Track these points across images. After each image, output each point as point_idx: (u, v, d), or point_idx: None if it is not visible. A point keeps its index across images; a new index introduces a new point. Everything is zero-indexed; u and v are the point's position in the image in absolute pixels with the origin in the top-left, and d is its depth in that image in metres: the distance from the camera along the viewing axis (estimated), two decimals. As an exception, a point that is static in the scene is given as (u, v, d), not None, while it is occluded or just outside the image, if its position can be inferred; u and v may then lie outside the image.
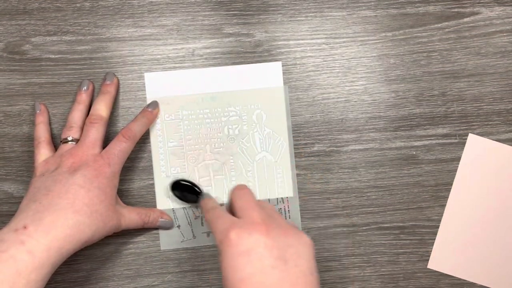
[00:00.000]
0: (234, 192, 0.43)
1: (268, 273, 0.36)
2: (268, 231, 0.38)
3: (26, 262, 0.39)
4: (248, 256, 0.37)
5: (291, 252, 0.38)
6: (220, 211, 0.43)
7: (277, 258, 0.37)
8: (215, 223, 0.41)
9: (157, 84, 0.52)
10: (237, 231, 0.38)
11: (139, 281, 0.51)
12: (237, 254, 0.37)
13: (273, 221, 0.40)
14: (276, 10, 0.53)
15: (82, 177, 0.44)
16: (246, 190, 0.43)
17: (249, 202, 0.41)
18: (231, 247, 0.37)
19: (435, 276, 0.53)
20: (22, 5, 0.51)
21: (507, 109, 0.53)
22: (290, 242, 0.38)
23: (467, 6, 0.53)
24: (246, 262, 0.37)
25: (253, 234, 0.38)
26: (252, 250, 0.37)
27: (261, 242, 0.37)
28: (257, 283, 0.36)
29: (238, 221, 0.40)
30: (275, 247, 0.37)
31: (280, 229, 0.39)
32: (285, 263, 0.37)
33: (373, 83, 0.53)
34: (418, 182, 0.53)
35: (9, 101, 0.51)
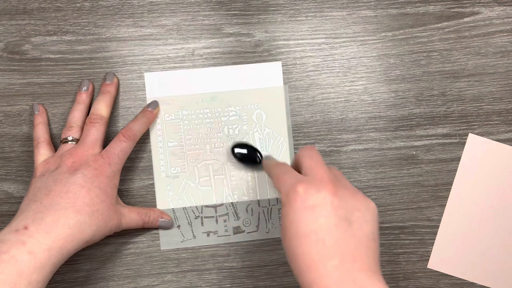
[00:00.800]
0: (302, 152, 0.42)
1: (331, 231, 0.36)
2: (336, 191, 0.38)
3: (27, 263, 0.39)
4: (314, 212, 0.36)
5: (357, 215, 0.37)
6: (287, 167, 0.42)
7: (342, 218, 0.37)
8: (282, 177, 0.40)
9: (157, 84, 0.52)
10: (305, 186, 0.37)
11: (139, 281, 0.51)
12: (303, 209, 0.37)
13: (341, 183, 0.39)
14: (276, 10, 0.53)
15: (83, 176, 0.44)
16: (315, 151, 0.42)
17: (318, 161, 0.41)
18: (297, 201, 0.37)
19: (435, 276, 0.53)
20: (22, 5, 0.51)
21: (507, 109, 0.53)
22: (356, 205, 0.38)
23: (467, 6, 0.53)
24: (311, 217, 0.36)
25: (321, 191, 0.37)
26: (318, 206, 0.37)
27: (328, 200, 0.37)
28: (319, 239, 0.36)
29: (306, 177, 0.39)
30: (341, 207, 0.37)
31: (348, 191, 0.39)
32: (350, 225, 0.37)
33: (373, 83, 0.53)
34: (418, 182, 0.53)
35: (9, 101, 0.51)
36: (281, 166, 0.43)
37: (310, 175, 0.39)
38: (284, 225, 0.38)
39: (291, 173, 0.40)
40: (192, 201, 0.52)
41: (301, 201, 0.37)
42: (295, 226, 0.37)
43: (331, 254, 0.35)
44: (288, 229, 0.37)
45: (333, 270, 0.35)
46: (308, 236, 0.36)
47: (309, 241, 0.36)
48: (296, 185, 0.38)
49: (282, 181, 0.40)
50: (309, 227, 0.36)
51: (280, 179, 0.41)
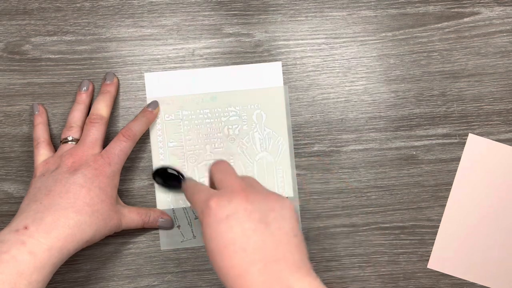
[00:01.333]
0: (213, 167, 0.42)
1: (250, 237, 0.36)
2: (248, 197, 0.38)
3: (28, 263, 0.39)
4: (228, 222, 0.36)
5: (273, 215, 0.37)
6: (200, 186, 0.42)
7: (258, 222, 0.37)
8: (196, 196, 0.40)
9: (157, 84, 0.52)
10: (216, 200, 0.37)
11: (139, 281, 0.51)
12: (217, 222, 0.37)
13: (253, 188, 0.39)
14: (276, 10, 0.53)
15: (83, 176, 0.44)
16: (225, 163, 0.42)
17: (227, 173, 0.41)
18: (210, 216, 0.37)
19: (435, 276, 0.53)
20: (22, 5, 0.51)
21: (507, 109, 0.53)
22: (271, 206, 0.38)
23: (467, 6, 0.53)
24: (226, 228, 0.36)
25: (232, 200, 0.37)
26: (232, 215, 0.37)
27: (240, 207, 0.37)
28: (239, 247, 0.36)
29: (218, 191, 0.39)
30: (255, 211, 0.37)
31: (260, 195, 0.38)
32: (267, 226, 0.37)
33: (373, 83, 0.53)
34: (418, 182, 0.53)
35: (9, 101, 0.51)
36: (195, 187, 0.42)
37: (221, 188, 0.39)
38: (205, 243, 0.37)
39: (203, 191, 0.40)
40: (192, 201, 0.52)
41: (214, 215, 0.37)
42: (214, 240, 0.36)
43: (253, 260, 0.35)
44: (209, 246, 0.37)
45: (258, 275, 0.35)
46: (227, 247, 0.36)
47: (229, 252, 0.36)
48: (208, 201, 0.38)
49: (196, 200, 0.40)
50: (227, 238, 0.36)
51: (194, 199, 0.40)
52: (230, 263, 0.36)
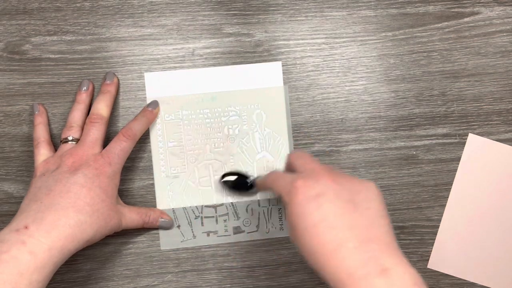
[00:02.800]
0: (292, 155, 0.42)
1: (340, 216, 0.36)
2: (334, 178, 0.38)
3: (28, 263, 0.39)
4: (318, 200, 0.36)
5: (360, 196, 0.37)
6: (280, 172, 0.42)
7: (347, 202, 0.36)
8: (278, 181, 0.40)
9: (157, 84, 0.52)
10: (303, 180, 0.37)
11: (139, 281, 0.51)
12: (306, 201, 0.36)
13: (336, 171, 0.39)
14: (276, 10, 0.53)
15: (83, 176, 0.44)
16: (304, 152, 0.43)
17: (309, 158, 0.41)
18: (298, 195, 0.37)
19: (435, 276, 0.53)
20: (22, 5, 0.51)
21: (507, 109, 0.53)
22: (357, 188, 0.38)
23: (467, 6, 0.53)
24: (316, 207, 0.36)
25: (319, 181, 0.37)
26: (321, 195, 0.36)
27: (329, 187, 0.37)
28: (330, 225, 0.35)
29: (302, 173, 0.39)
30: (343, 191, 0.37)
31: (345, 177, 0.39)
32: (356, 206, 0.36)
33: (373, 83, 0.53)
34: (418, 182, 0.53)
35: (9, 101, 0.51)
36: (274, 174, 0.43)
37: (304, 171, 0.40)
38: (292, 223, 0.37)
39: (285, 176, 0.40)
40: (192, 201, 0.52)
41: (303, 194, 0.37)
42: (302, 219, 0.36)
43: (346, 237, 0.35)
44: (297, 225, 0.37)
45: (352, 252, 0.34)
46: (318, 225, 0.36)
47: (320, 230, 0.35)
48: (294, 181, 0.38)
49: (279, 184, 0.40)
50: (317, 216, 0.36)
51: (277, 183, 0.41)
52: (323, 239, 0.35)
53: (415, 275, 0.34)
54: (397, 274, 0.34)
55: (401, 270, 0.34)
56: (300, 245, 0.37)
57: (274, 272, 0.52)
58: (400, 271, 0.34)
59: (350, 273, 0.34)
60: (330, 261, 0.35)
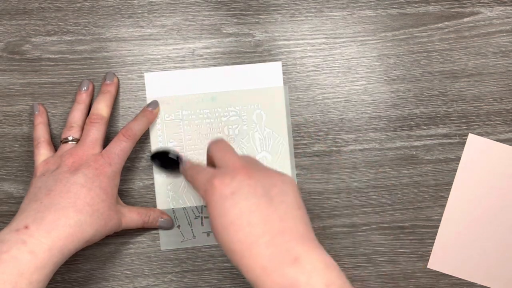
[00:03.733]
0: (212, 146, 0.43)
1: (255, 211, 0.36)
2: (250, 174, 0.38)
3: (28, 263, 0.39)
4: (233, 198, 0.37)
5: (275, 190, 0.38)
6: (200, 167, 0.43)
7: (261, 196, 0.37)
8: (197, 178, 0.41)
9: (157, 84, 0.52)
10: (219, 178, 0.38)
11: (139, 281, 0.51)
12: (222, 199, 0.37)
13: (254, 165, 0.40)
14: (276, 10, 0.53)
15: (83, 176, 0.44)
16: (223, 142, 0.43)
17: (227, 152, 0.41)
18: (215, 194, 0.38)
19: (435, 276, 0.53)
20: (22, 5, 0.51)
21: (507, 109, 0.53)
22: (273, 181, 0.38)
23: (467, 6, 0.53)
24: (231, 204, 0.37)
25: (235, 177, 0.38)
26: (236, 192, 0.37)
27: (244, 183, 0.37)
28: (245, 222, 0.36)
29: (220, 170, 0.40)
30: (258, 186, 0.38)
31: (262, 171, 0.39)
32: (271, 200, 0.37)
33: (373, 83, 0.53)
34: (418, 182, 0.53)
35: (9, 101, 0.51)
36: (195, 168, 0.43)
37: (222, 167, 0.40)
38: (211, 221, 0.38)
39: (204, 171, 0.41)
40: (192, 201, 0.52)
41: (219, 192, 0.38)
42: (220, 218, 0.37)
43: (259, 233, 0.36)
44: (215, 224, 0.37)
45: (265, 248, 0.35)
46: (234, 222, 0.36)
47: (236, 228, 0.36)
48: (211, 180, 0.38)
49: (198, 181, 0.41)
50: (232, 214, 0.37)
51: (196, 179, 0.41)
52: (237, 237, 0.36)
53: (327, 259, 0.35)
54: (308, 260, 0.35)
55: (313, 256, 0.35)
56: (220, 242, 0.38)
57: (274, 272, 0.52)
58: (311, 258, 0.35)
59: (264, 266, 0.35)
60: (246, 257, 0.36)
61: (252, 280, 0.36)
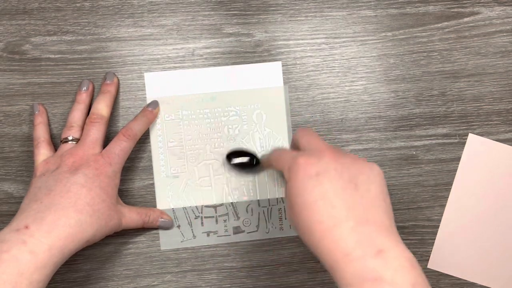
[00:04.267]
0: (299, 132, 0.42)
1: (339, 194, 0.35)
2: (337, 158, 0.37)
3: (29, 262, 0.39)
4: (318, 178, 0.36)
5: (362, 178, 0.37)
6: (284, 149, 0.42)
7: (348, 181, 0.36)
8: (281, 156, 0.40)
9: (157, 84, 0.52)
10: (305, 157, 0.37)
11: (139, 281, 0.51)
12: (307, 177, 0.36)
13: (341, 151, 0.39)
14: (276, 10, 0.53)
15: (83, 176, 0.44)
16: (310, 129, 0.42)
17: (314, 136, 0.40)
18: (299, 171, 0.36)
19: (435, 276, 0.53)
20: (22, 5, 0.51)
21: (507, 109, 0.53)
22: (360, 169, 0.37)
23: (467, 6, 0.53)
24: (316, 184, 0.36)
25: (322, 159, 0.37)
26: (322, 172, 0.36)
27: (330, 166, 0.36)
28: (329, 203, 0.35)
29: (306, 151, 0.39)
30: (345, 171, 0.36)
31: (349, 157, 0.38)
32: (356, 187, 0.36)
33: (373, 83, 0.53)
34: (418, 182, 0.53)
35: (9, 101, 0.51)
36: (278, 150, 0.42)
37: (308, 149, 0.39)
38: (290, 199, 0.37)
39: (288, 152, 0.40)
40: (192, 201, 0.52)
41: (304, 171, 0.37)
42: (302, 196, 0.36)
43: (344, 217, 0.35)
44: (295, 202, 0.36)
45: (349, 232, 0.34)
46: (317, 202, 0.35)
47: (318, 208, 0.35)
48: (297, 158, 0.37)
49: (282, 159, 0.40)
50: (316, 194, 0.36)
51: (280, 158, 0.40)
52: (319, 217, 0.35)
53: (412, 257, 0.34)
54: (393, 255, 0.34)
55: (397, 252, 0.34)
56: (297, 222, 0.37)
57: (274, 272, 0.52)
58: (396, 253, 0.34)
59: (346, 253, 0.34)
60: (326, 239, 0.35)
61: (329, 264, 0.34)
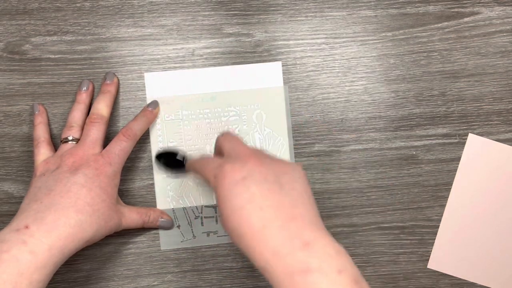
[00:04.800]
0: (222, 137, 0.43)
1: (266, 196, 0.36)
2: (261, 161, 0.38)
3: (29, 263, 0.39)
4: (244, 183, 0.37)
5: (286, 177, 0.38)
6: (208, 157, 0.42)
7: (273, 182, 0.37)
8: (205, 167, 0.41)
9: (157, 84, 0.52)
10: (230, 164, 0.38)
11: (139, 281, 0.51)
12: (233, 184, 0.37)
13: (263, 154, 0.40)
14: (276, 10, 0.53)
15: (83, 176, 0.44)
16: (233, 134, 0.43)
17: (237, 142, 0.41)
18: (226, 178, 0.37)
19: (435, 276, 0.53)
20: (22, 5, 0.51)
21: (507, 109, 0.53)
22: (283, 169, 0.38)
23: (467, 6, 0.53)
24: (242, 189, 0.37)
25: (246, 164, 0.38)
26: (247, 177, 0.37)
27: (255, 170, 0.37)
28: (257, 206, 0.36)
29: (230, 158, 0.40)
30: (269, 173, 0.37)
31: (272, 160, 0.39)
32: (281, 187, 0.37)
33: (373, 83, 0.53)
34: (418, 182, 0.53)
35: (9, 101, 0.51)
36: (203, 158, 0.43)
37: (232, 156, 0.40)
38: (220, 206, 0.38)
39: (213, 160, 0.41)
40: (192, 201, 0.52)
41: (230, 177, 0.37)
42: (230, 202, 0.37)
43: (272, 217, 0.36)
44: (224, 208, 0.37)
45: (278, 231, 0.35)
46: (245, 206, 0.36)
47: (247, 212, 0.36)
48: (222, 165, 0.38)
49: (207, 168, 0.40)
50: (243, 198, 0.36)
51: (205, 167, 0.41)
52: (248, 221, 0.36)
53: (339, 247, 0.35)
54: (320, 246, 0.34)
55: (324, 242, 0.35)
56: (228, 228, 0.37)
57: (274, 272, 0.52)
58: (322, 244, 0.35)
59: (275, 251, 0.34)
60: (256, 240, 0.35)
61: (261, 265, 0.35)
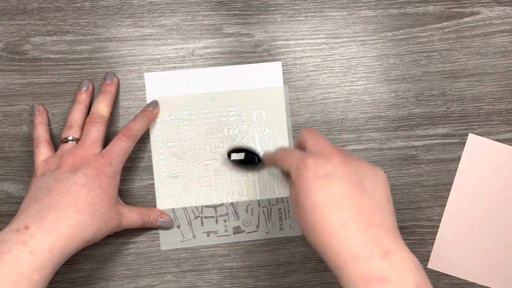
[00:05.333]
0: (305, 132, 0.42)
1: (348, 196, 0.36)
2: (345, 160, 0.38)
3: (29, 263, 0.39)
4: (327, 179, 0.36)
5: (368, 180, 0.37)
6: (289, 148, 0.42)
7: (355, 184, 0.37)
8: (289, 155, 0.40)
9: (157, 84, 0.52)
10: (314, 158, 0.38)
11: (139, 281, 0.51)
12: (315, 178, 0.37)
13: (347, 154, 0.40)
14: (276, 10, 0.53)
15: (84, 176, 0.44)
16: (316, 131, 0.43)
17: (321, 138, 0.41)
18: (308, 172, 0.37)
19: (435, 276, 0.53)
20: (22, 5, 0.51)
21: (507, 109, 0.53)
22: (366, 172, 0.38)
23: (467, 6, 0.53)
24: (325, 185, 0.36)
25: (330, 161, 0.37)
26: (331, 174, 0.37)
27: (339, 168, 0.37)
28: (337, 205, 0.36)
29: (313, 152, 0.39)
30: (352, 174, 0.37)
31: (355, 161, 0.39)
32: (364, 190, 0.37)
33: (373, 83, 0.53)
34: (418, 182, 0.53)
35: (9, 101, 0.51)
36: (283, 150, 0.43)
37: (315, 151, 0.39)
38: (298, 199, 0.37)
39: (297, 152, 0.40)
40: (192, 201, 0.52)
41: (313, 171, 0.37)
42: (310, 196, 0.36)
43: (351, 218, 0.35)
44: (303, 202, 0.37)
45: (356, 234, 0.35)
46: (325, 203, 0.36)
47: (326, 209, 0.36)
48: (305, 158, 0.38)
49: (290, 158, 0.40)
50: (325, 195, 0.36)
51: (287, 157, 0.41)
52: (328, 218, 0.35)
53: (417, 261, 0.35)
54: (399, 257, 0.34)
55: (403, 254, 0.35)
56: (304, 222, 0.37)
57: (274, 272, 0.52)
58: (402, 255, 0.35)
59: (353, 253, 0.34)
60: (333, 239, 0.35)
61: (336, 264, 0.35)
